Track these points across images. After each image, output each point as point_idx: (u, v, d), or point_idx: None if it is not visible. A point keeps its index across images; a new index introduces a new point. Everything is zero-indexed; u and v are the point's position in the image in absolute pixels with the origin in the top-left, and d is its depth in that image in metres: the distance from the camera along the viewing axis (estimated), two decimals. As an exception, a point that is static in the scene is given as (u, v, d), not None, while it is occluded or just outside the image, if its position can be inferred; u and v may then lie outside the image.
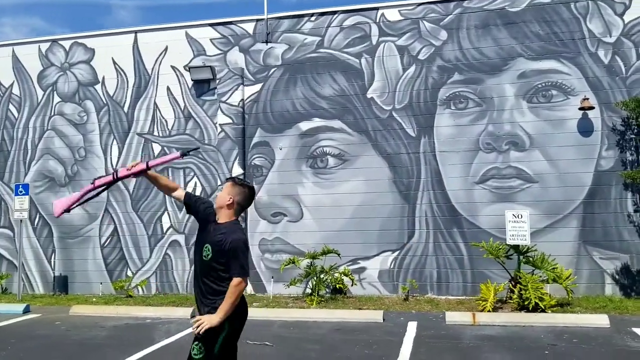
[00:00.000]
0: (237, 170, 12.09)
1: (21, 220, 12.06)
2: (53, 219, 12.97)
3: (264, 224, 11.96)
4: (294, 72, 12.06)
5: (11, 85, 13.57)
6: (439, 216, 11.23)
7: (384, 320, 9.02)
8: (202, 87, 12.46)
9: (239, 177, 4.06)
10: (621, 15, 10.81)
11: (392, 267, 11.32)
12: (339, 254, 10.89)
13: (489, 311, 9.12)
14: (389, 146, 11.51)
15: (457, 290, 11.02)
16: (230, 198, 3.85)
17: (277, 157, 12.00)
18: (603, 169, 10.63)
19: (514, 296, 9.39)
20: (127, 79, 12.89)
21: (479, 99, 11.20)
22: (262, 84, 12.20)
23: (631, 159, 10.55)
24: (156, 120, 12.69)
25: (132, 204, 12.65)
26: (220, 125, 12.29)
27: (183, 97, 12.58)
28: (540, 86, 10.98)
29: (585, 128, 10.74)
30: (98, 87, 13.06)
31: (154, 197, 12.54)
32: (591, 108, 10.58)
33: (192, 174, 12.38)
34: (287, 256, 11.36)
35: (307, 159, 11.84)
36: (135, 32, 12.99)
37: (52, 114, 13.24)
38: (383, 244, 11.35)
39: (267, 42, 12.23)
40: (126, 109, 12.85)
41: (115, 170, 4.28)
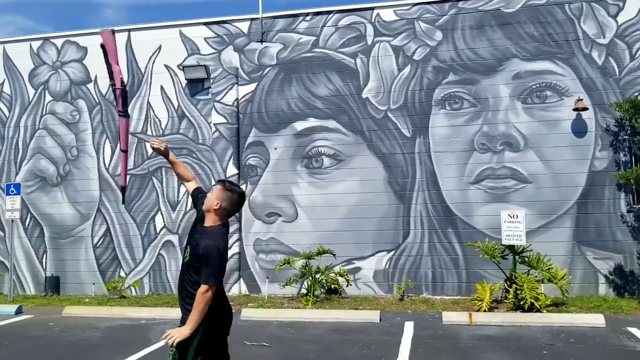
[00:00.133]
0: (232, 170, 12.04)
1: (12, 221, 11.94)
2: (44, 219, 12.84)
3: (258, 224, 11.91)
4: (289, 71, 12.02)
5: (2, 84, 13.40)
6: (434, 216, 11.24)
7: (380, 320, 9.01)
8: (196, 86, 12.38)
9: (230, 181, 3.89)
10: (615, 17, 10.88)
11: (387, 267, 11.32)
12: (334, 254, 10.87)
13: (484, 311, 9.15)
14: (384, 146, 11.51)
15: (452, 290, 11.04)
16: (218, 203, 3.74)
17: (271, 157, 11.96)
18: (597, 170, 10.70)
19: (510, 296, 9.42)
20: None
21: (474, 99, 11.23)
22: (256, 83, 12.15)
23: (624, 159, 10.63)
24: (149, 119, 12.60)
25: (125, 204, 12.54)
26: (215, 124, 12.22)
27: (177, 96, 12.49)
28: (534, 87, 11.03)
29: (579, 129, 10.80)
30: (90, 85, 12.93)
31: (147, 197, 12.46)
32: (585, 109, 10.65)
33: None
34: (282, 256, 11.32)
35: (302, 159, 11.81)
36: (129, 30, 12.87)
37: (44, 112, 13.09)
38: (378, 244, 11.35)
39: (262, 41, 12.18)
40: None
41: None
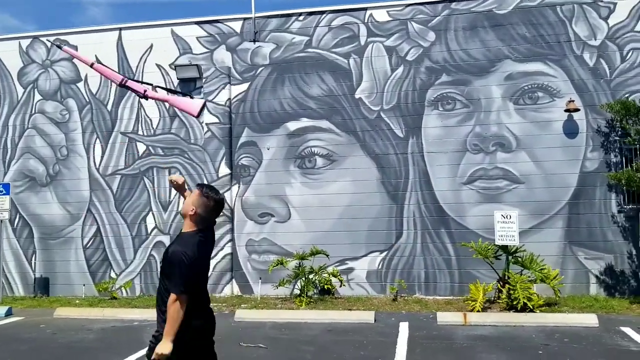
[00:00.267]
0: (224, 171, 11.99)
1: (1, 221, 11.76)
2: (34, 219, 12.69)
3: (251, 224, 11.86)
4: (282, 71, 11.98)
5: (-10, 82, 13.24)
6: (426, 217, 11.27)
7: (375, 321, 9.01)
8: (188, 85, 12.28)
9: (209, 186, 3.71)
10: (606, 19, 10.98)
11: (380, 267, 11.33)
12: (327, 255, 10.85)
13: (478, 311, 9.18)
14: (377, 147, 11.52)
15: (445, 290, 11.08)
16: (194, 209, 3.59)
17: (264, 157, 11.91)
18: (588, 170, 10.79)
19: (503, 296, 9.47)
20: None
21: (467, 100, 11.27)
22: (249, 83, 12.09)
23: (615, 160, 10.73)
24: (141, 119, 12.49)
25: (116, 204, 12.43)
26: (207, 124, 12.15)
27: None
28: (526, 88, 11.09)
29: (571, 130, 10.89)
30: (81, 84, 12.79)
31: (138, 197, 12.36)
32: (576, 110, 10.73)
33: (177, 173, 12.21)
34: (275, 257, 11.29)
35: (295, 159, 11.78)
36: (120, 29, 12.76)
37: (33, 112, 12.93)
38: (371, 244, 11.36)
39: (254, 41, 12.13)
40: (109, 107, 12.62)
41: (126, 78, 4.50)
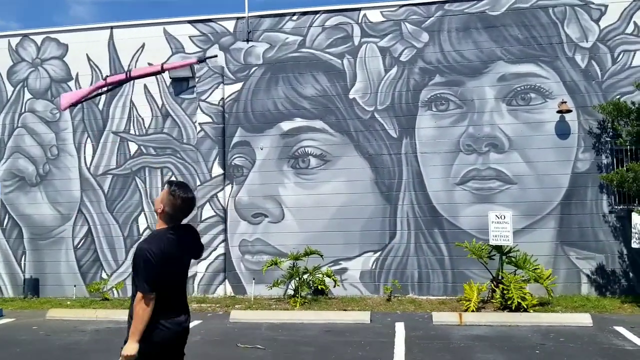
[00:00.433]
0: (217, 171, 11.93)
1: (-10, 221, 11.63)
2: (23, 219, 12.54)
3: (244, 224, 11.82)
4: (276, 71, 11.95)
5: (-22, 81, 13.05)
6: (420, 217, 11.31)
7: (371, 321, 9.02)
8: (180, 85, 12.23)
9: (178, 183, 3.57)
10: (597, 21, 11.09)
11: (373, 267, 11.35)
12: (321, 255, 10.84)
13: (472, 311, 9.23)
14: (371, 147, 11.53)
15: (438, 290, 11.13)
16: (162, 207, 3.51)
17: (258, 157, 11.88)
18: (579, 171, 10.90)
19: (497, 296, 9.53)
20: (102, 75, 12.49)
21: (460, 101, 11.33)
22: (242, 82, 12.05)
23: (606, 161, 10.84)
24: (132, 118, 12.39)
25: (107, 205, 12.32)
26: (200, 124, 12.08)
27: (161, 95, 12.31)
28: (519, 89, 11.18)
29: (563, 131, 10.99)
30: (71, 83, 12.66)
31: (129, 198, 12.26)
32: (568, 111, 10.84)
33: (169, 173, 12.14)
34: (268, 257, 11.27)
35: (289, 159, 11.76)
36: (111, 27, 12.64)
37: (23, 111, 12.77)
38: (365, 244, 11.38)
39: (248, 40, 12.09)
40: (101, 106, 12.50)
41: (128, 70, 4.20)
